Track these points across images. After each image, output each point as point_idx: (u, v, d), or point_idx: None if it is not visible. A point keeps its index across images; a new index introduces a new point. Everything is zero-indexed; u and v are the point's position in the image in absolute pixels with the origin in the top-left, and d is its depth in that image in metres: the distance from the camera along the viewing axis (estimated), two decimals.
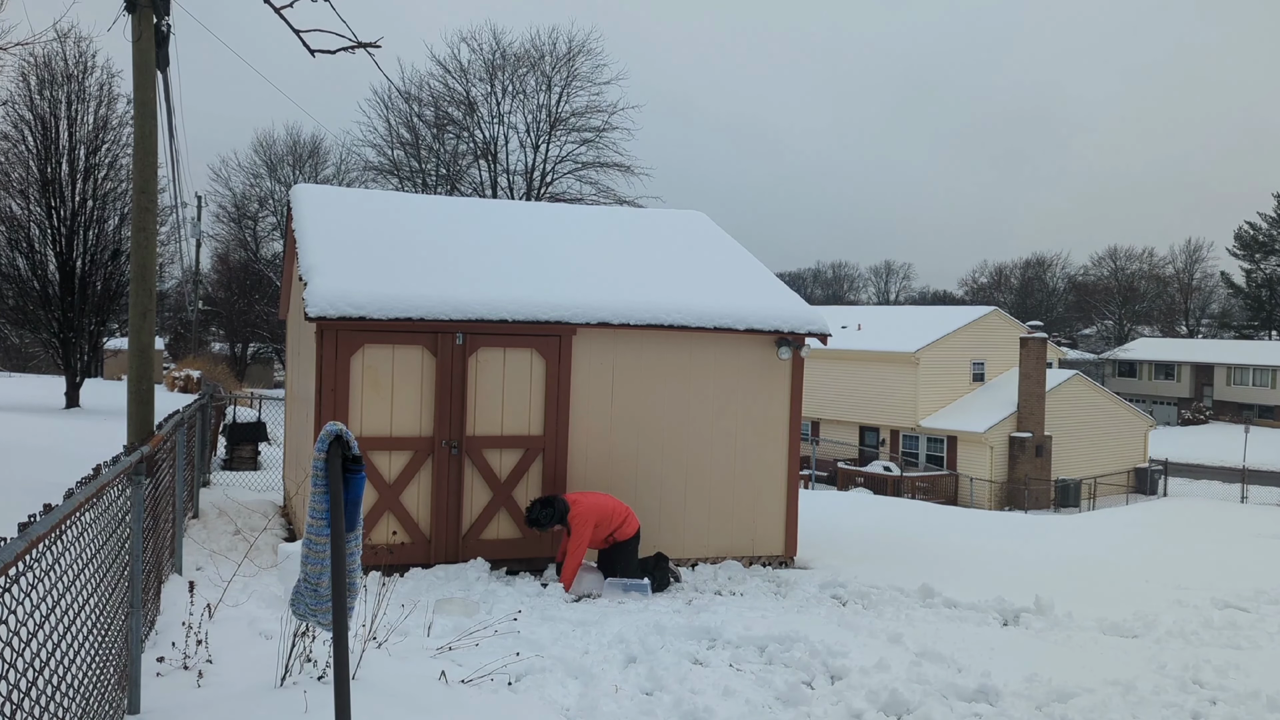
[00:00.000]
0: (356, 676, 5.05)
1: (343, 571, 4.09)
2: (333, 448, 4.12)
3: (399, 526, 9.04)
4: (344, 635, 4.05)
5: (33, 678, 2.82)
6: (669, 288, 10.30)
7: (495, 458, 9.36)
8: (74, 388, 23.16)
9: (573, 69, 42.14)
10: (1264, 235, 79.50)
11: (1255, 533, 18.93)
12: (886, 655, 6.67)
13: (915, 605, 8.94)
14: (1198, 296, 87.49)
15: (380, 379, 9.00)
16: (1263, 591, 11.10)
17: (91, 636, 3.77)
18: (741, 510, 10.23)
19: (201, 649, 5.21)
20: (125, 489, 4.70)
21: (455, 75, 42.23)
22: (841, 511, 15.79)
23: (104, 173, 23.68)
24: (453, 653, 6.00)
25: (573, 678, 5.96)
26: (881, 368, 38.76)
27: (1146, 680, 6.64)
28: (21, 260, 23.33)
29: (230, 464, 15.50)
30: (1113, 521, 19.43)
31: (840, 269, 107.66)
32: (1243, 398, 63.44)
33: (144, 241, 10.05)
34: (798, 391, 10.41)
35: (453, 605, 7.53)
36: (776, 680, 6.10)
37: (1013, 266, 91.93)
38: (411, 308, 8.88)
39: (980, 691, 6.11)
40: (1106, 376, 67.82)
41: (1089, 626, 8.62)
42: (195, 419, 10.69)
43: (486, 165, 42.71)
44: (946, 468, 36.55)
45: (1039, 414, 35.47)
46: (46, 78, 22.83)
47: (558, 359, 9.51)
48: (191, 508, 10.40)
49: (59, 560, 3.18)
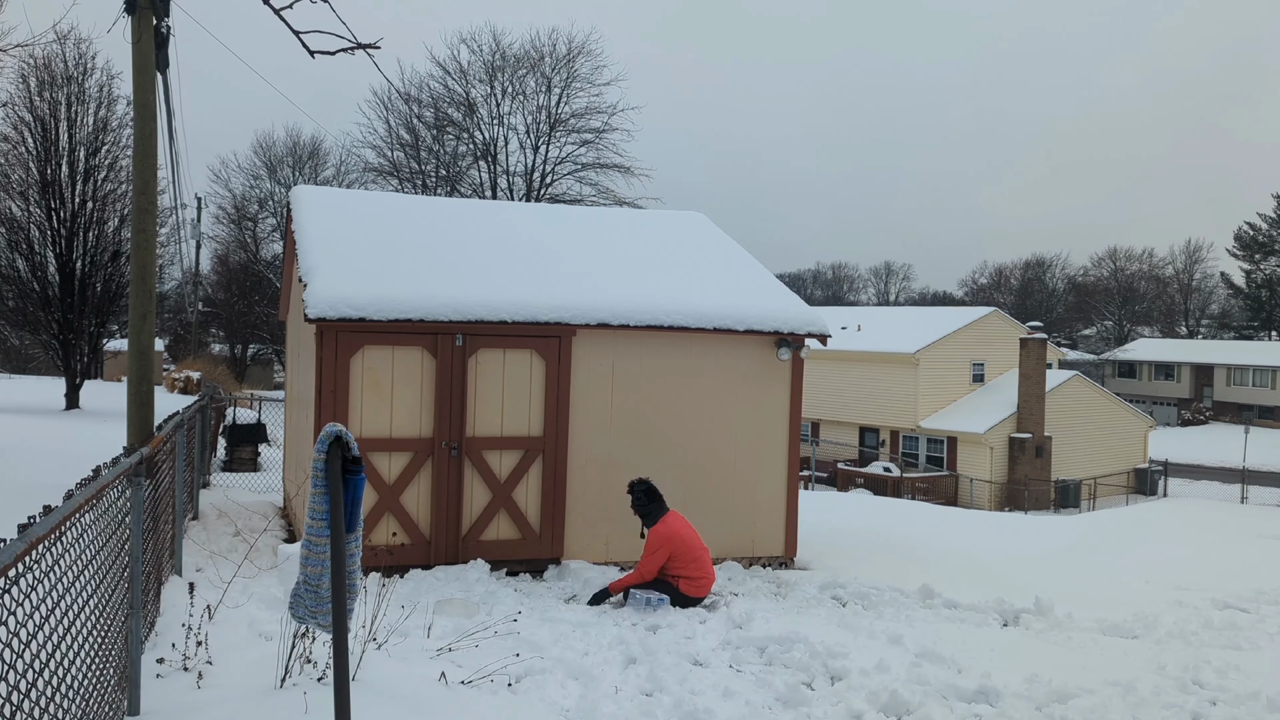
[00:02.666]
0: (356, 678, 5.04)
1: (343, 573, 4.09)
2: (332, 449, 4.12)
3: (399, 528, 9.04)
4: (344, 636, 4.05)
5: (33, 679, 2.82)
6: (669, 289, 10.30)
7: (495, 459, 9.36)
8: (74, 389, 23.17)
9: (572, 70, 42.18)
10: (1264, 236, 79.52)
11: (1255, 533, 18.92)
12: (886, 656, 6.67)
13: (915, 606, 8.94)
14: (1197, 297, 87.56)
15: (380, 380, 9.00)
16: (1263, 592, 11.11)
17: (91, 638, 3.76)
18: (741, 511, 10.22)
19: (201, 650, 5.21)
20: (125, 490, 4.70)
21: (455, 76, 42.29)
22: (841, 512, 15.78)
23: (104, 174, 23.71)
24: (453, 654, 6.00)
25: (573, 679, 5.96)
26: (881, 368, 38.77)
27: (1146, 681, 6.64)
28: (21, 262, 23.35)
29: (230, 465, 15.51)
30: (1112, 522, 19.42)
31: (840, 270, 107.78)
32: (1243, 398, 63.45)
33: (144, 243, 10.06)
34: (797, 392, 10.41)
35: (453, 606, 7.53)
36: (776, 681, 6.10)
37: (1012, 267, 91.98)
38: (411, 309, 8.88)
39: (980, 692, 6.11)
40: (1106, 377, 67.83)
41: (1089, 627, 8.63)
42: (195, 420, 10.69)
43: (486, 166, 42.74)
44: (946, 468, 36.55)
45: (1039, 415, 35.48)
46: (46, 79, 22.85)
47: (557, 360, 9.51)
48: (191, 509, 10.40)
49: (59, 562, 3.18)
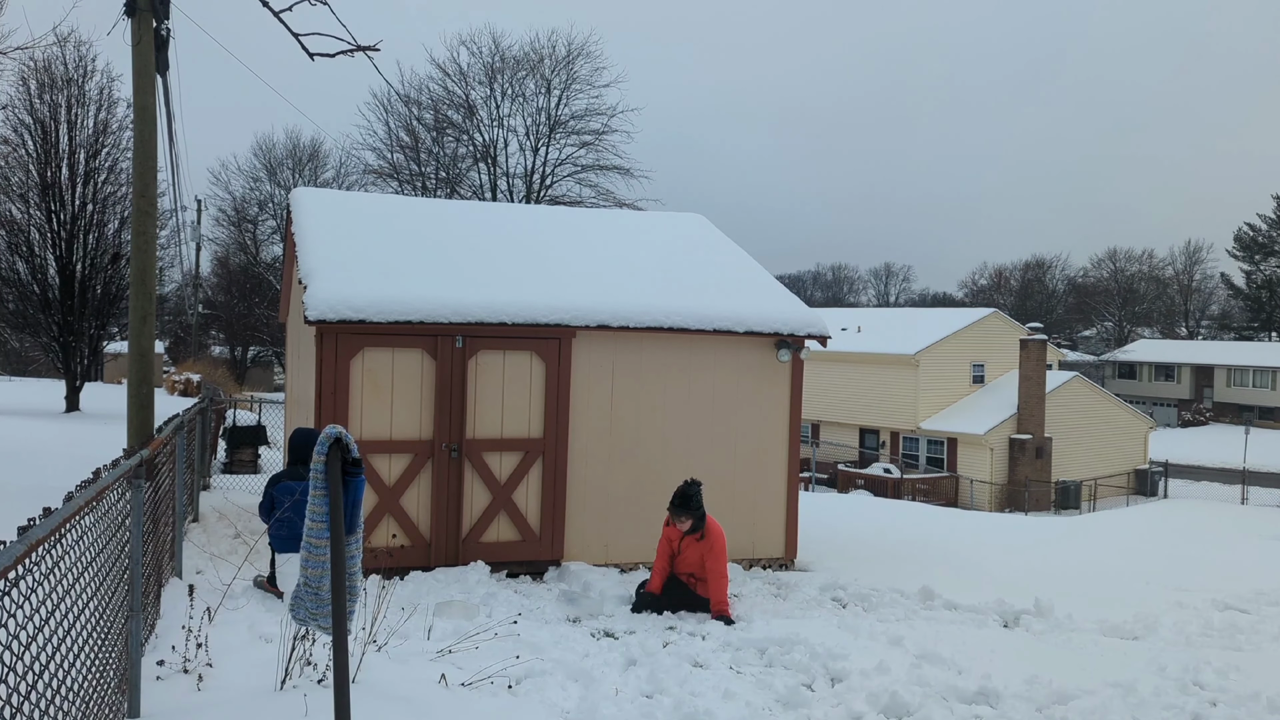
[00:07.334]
0: (356, 680, 5.04)
1: (342, 574, 4.09)
2: (332, 450, 4.12)
3: (399, 529, 9.04)
4: (344, 638, 4.06)
5: (32, 681, 2.82)
6: (668, 290, 10.31)
7: (495, 460, 9.36)
8: (74, 391, 23.16)
9: (572, 72, 42.14)
10: (1263, 237, 79.54)
11: (1256, 534, 18.90)
12: (887, 657, 6.67)
13: (916, 607, 8.93)
14: (1197, 298, 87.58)
15: (380, 382, 9.00)
16: (1263, 593, 11.10)
17: (91, 640, 3.76)
18: (742, 513, 10.22)
19: (201, 652, 5.20)
20: (125, 492, 4.69)
21: (454, 78, 42.22)
22: (842, 514, 15.76)
23: (104, 177, 23.69)
24: (453, 656, 5.99)
25: (573, 680, 5.96)
26: (881, 370, 38.77)
27: (1147, 682, 6.64)
28: (21, 264, 23.34)
29: (230, 467, 15.49)
30: (1113, 523, 19.41)
31: (840, 271, 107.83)
32: (1243, 399, 63.45)
33: (144, 245, 10.07)
34: (797, 394, 10.41)
35: (453, 608, 7.53)
36: (777, 683, 6.10)
37: (1012, 268, 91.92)
38: (411, 311, 8.89)
39: (981, 694, 6.11)
40: (1106, 378, 67.83)
41: (1089, 628, 8.62)
42: (195, 422, 10.69)
43: (486, 168, 42.70)
44: (947, 470, 36.55)
45: (1039, 416, 35.48)
46: (46, 82, 22.83)
47: (557, 361, 9.51)
48: (191, 511, 10.40)
49: (59, 564, 3.18)
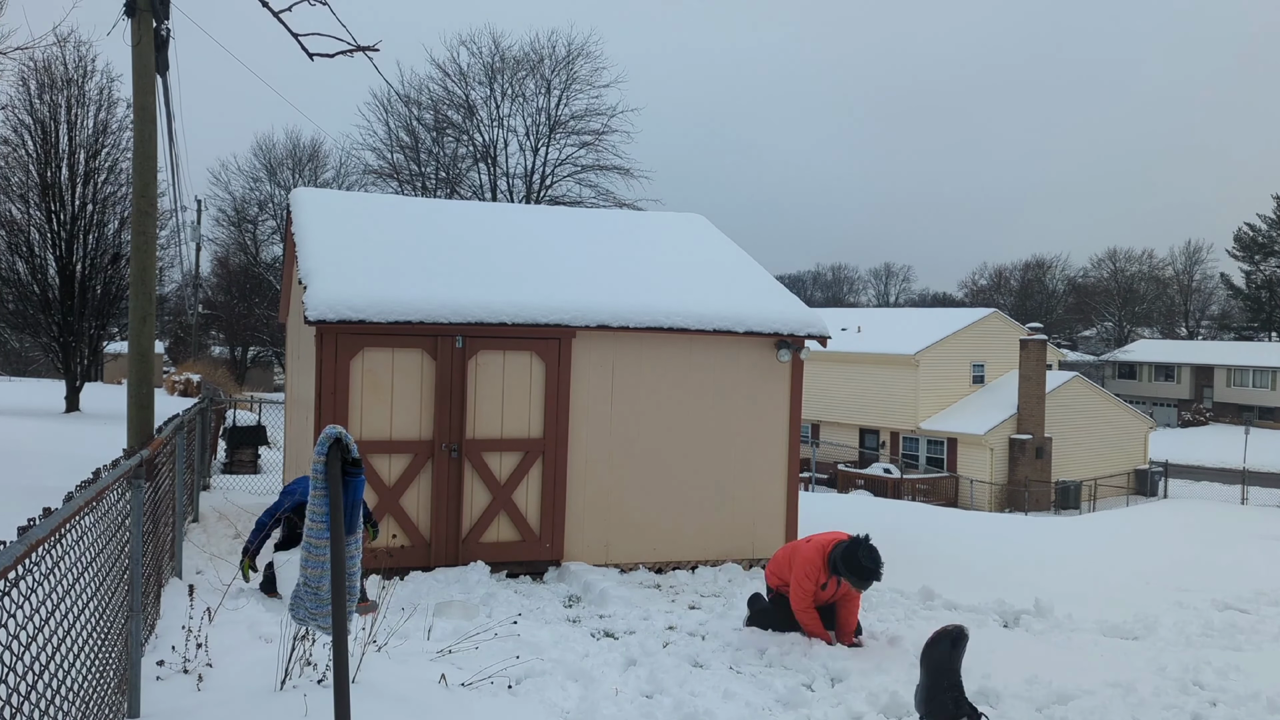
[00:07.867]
0: (356, 680, 5.04)
1: (342, 574, 4.09)
2: (332, 451, 4.12)
3: (399, 530, 9.04)
4: (344, 638, 4.06)
5: (32, 681, 2.82)
6: (668, 290, 10.30)
7: (495, 460, 9.36)
8: (74, 392, 23.17)
9: (571, 72, 42.13)
10: (1263, 237, 79.51)
11: (1256, 534, 18.89)
12: (886, 657, 6.67)
13: (915, 607, 8.93)
14: (1197, 298, 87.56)
15: (380, 382, 9.00)
16: (1263, 593, 11.09)
17: (91, 640, 3.77)
18: (742, 513, 10.22)
19: (201, 652, 5.21)
20: (125, 493, 4.70)
21: (454, 79, 42.20)
22: (841, 514, 15.76)
23: (104, 177, 23.70)
24: (453, 656, 6.00)
25: (573, 680, 5.96)
26: (881, 370, 38.77)
27: (1147, 682, 6.64)
28: (21, 264, 23.35)
29: (230, 467, 15.51)
30: (1113, 523, 19.41)
31: (840, 271, 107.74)
32: (1243, 399, 63.45)
33: (144, 245, 10.07)
34: (797, 394, 10.41)
35: (453, 608, 7.53)
36: (776, 683, 6.10)
37: (1012, 268, 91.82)
38: (411, 311, 8.89)
39: (980, 694, 6.11)
40: (1106, 378, 67.83)
41: (1089, 628, 8.62)
42: (195, 422, 10.70)
43: (486, 168, 42.69)
44: (947, 470, 36.55)
45: (1039, 416, 35.48)
46: (46, 82, 22.84)
47: (557, 362, 9.51)
48: (191, 511, 10.40)
49: (59, 564, 3.18)
